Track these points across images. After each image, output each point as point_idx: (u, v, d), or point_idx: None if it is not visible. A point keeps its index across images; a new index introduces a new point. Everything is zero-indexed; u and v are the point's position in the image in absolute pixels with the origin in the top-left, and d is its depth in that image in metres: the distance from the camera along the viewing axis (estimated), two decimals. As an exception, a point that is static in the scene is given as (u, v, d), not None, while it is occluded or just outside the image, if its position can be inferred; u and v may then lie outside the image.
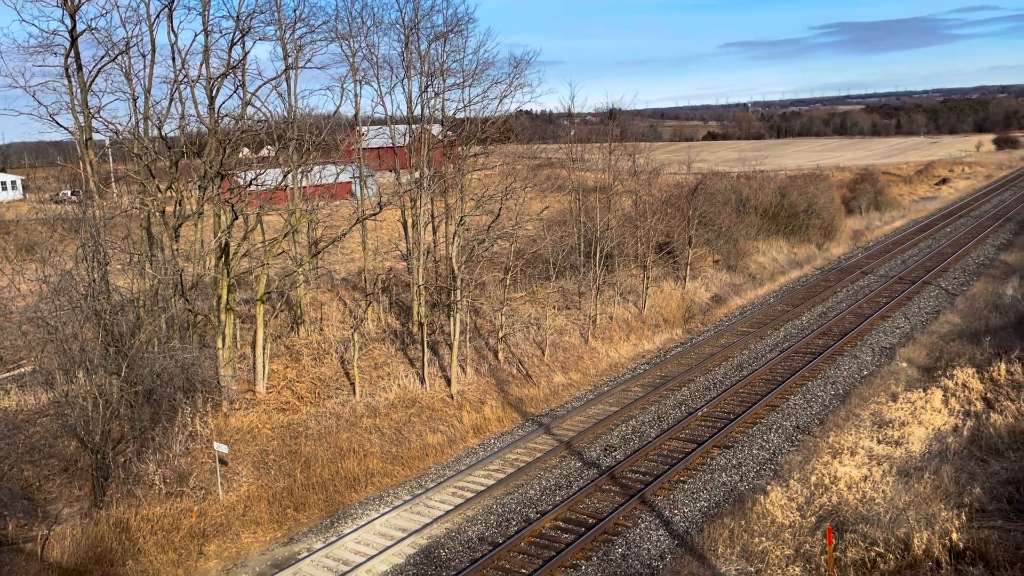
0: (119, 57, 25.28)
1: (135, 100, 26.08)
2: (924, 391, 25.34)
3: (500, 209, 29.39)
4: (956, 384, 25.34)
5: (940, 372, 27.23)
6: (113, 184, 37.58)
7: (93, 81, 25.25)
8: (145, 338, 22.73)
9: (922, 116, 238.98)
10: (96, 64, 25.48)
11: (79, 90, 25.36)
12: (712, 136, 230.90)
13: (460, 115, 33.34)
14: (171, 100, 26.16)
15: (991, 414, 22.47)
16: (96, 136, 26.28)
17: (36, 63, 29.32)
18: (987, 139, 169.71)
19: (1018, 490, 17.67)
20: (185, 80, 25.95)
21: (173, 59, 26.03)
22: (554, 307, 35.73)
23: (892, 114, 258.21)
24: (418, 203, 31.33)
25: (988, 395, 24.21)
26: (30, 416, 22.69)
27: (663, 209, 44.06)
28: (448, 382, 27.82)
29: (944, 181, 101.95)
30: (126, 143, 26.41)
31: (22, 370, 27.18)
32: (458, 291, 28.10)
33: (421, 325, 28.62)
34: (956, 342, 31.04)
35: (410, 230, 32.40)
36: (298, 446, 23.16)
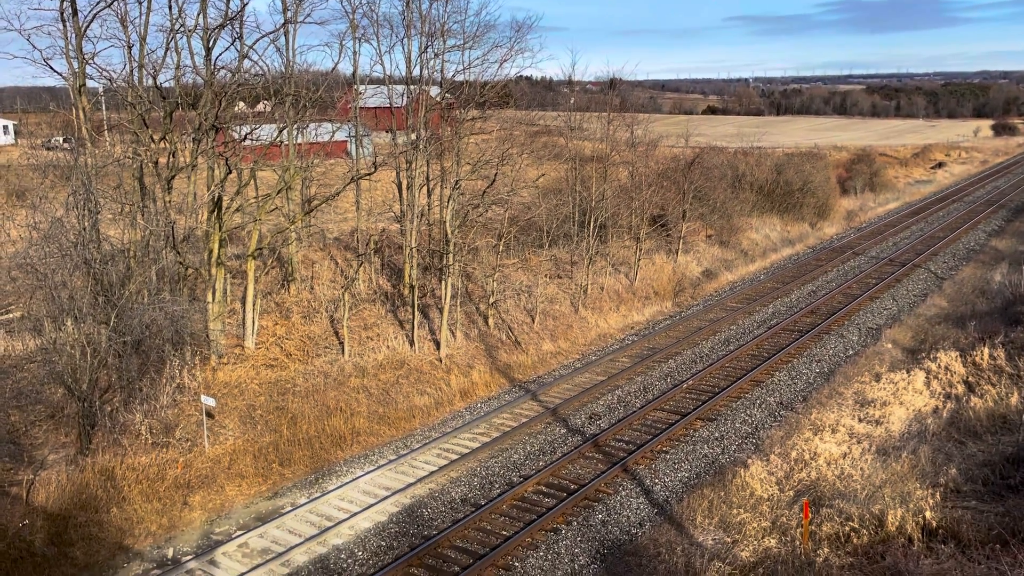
0: (115, 3, 24.88)
1: (130, 48, 25.73)
2: (907, 372, 25.61)
3: (496, 174, 29.28)
4: (939, 367, 25.61)
5: (924, 354, 27.49)
6: (106, 132, 37.19)
7: (88, 26, 24.85)
8: (135, 289, 22.69)
9: (922, 99, 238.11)
10: (92, 9, 25.03)
11: (74, 35, 24.96)
12: (712, 110, 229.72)
13: (459, 78, 33.03)
14: (167, 49, 25.82)
15: (972, 397, 22.76)
16: (90, 83, 25.92)
17: (31, 5, 28.89)
18: (985, 125, 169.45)
19: (994, 472, 17.96)
20: (181, 29, 25.59)
21: (170, 7, 25.62)
22: (546, 275, 35.77)
23: (893, 95, 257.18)
24: (414, 165, 31.16)
25: (970, 379, 24.50)
26: (17, 362, 22.71)
27: (659, 182, 43.97)
28: (437, 345, 27.93)
29: (940, 165, 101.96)
30: (120, 91, 26.09)
31: (10, 316, 27.13)
32: (451, 255, 28.09)
33: (412, 288, 28.65)
34: (942, 325, 31.31)
35: (405, 192, 32.27)
36: (285, 402, 23.28)
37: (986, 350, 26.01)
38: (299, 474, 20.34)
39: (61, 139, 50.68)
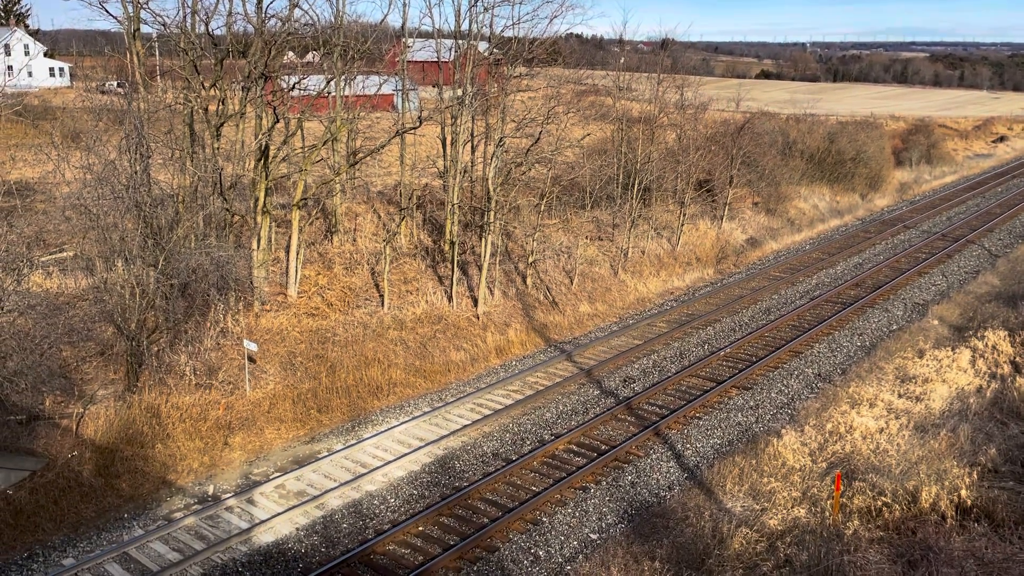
0: (169, -52, 24.99)
1: (183, -7, 25.88)
2: (952, 350, 25.13)
3: (540, 133, 29.05)
4: (986, 345, 25.07)
5: (971, 332, 26.91)
6: (158, 78, 37.65)
7: (143, -29, 25.03)
8: (183, 233, 23.15)
9: (987, 69, 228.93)
10: (146, -47, 25.21)
11: (129, -21, 25.19)
12: (765, 75, 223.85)
13: (508, 33, 32.67)
14: (219, -4, 25.91)
15: (1017, 378, 22.27)
16: (144, 28, 26.21)
17: (87, -52, 29.06)
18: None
19: (1034, 455, 17.65)
20: (234, -24, 25.65)
21: (223, -46, 25.68)
22: (586, 237, 35.61)
23: (957, 65, 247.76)
24: (459, 121, 31.03)
25: (1017, 359, 23.95)
26: (70, 299, 23.41)
27: (707, 146, 43.20)
28: (475, 302, 28.10)
29: (1002, 139, 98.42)
30: (173, 37, 26.33)
31: (64, 254, 27.92)
32: (492, 213, 28.09)
33: (453, 244, 28.77)
34: (992, 304, 30.55)
35: (448, 148, 32.21)
36: (325, 351, 23.71)
37: (1036, 331, 25.36)
38: (336, 421, 20.80)
39: (115, 83, 51.44)
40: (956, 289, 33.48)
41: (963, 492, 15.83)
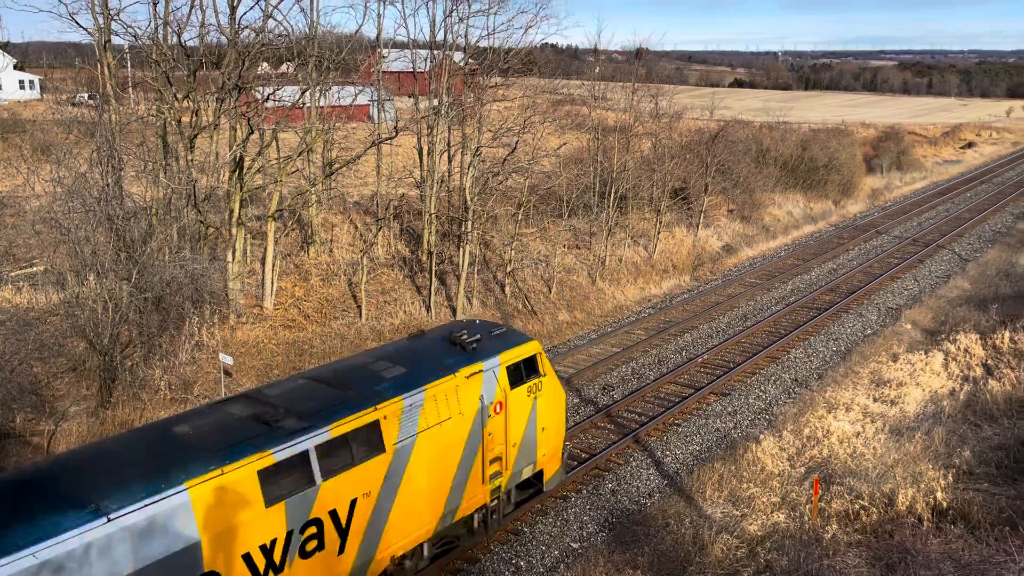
0: (141, -41, 24.84)
1: (155, 4, 25.72)
2: (925, 354, 25.44)
3: (517, 142, 29.13)
4: (958, 349, 25.41)
5: (944, 336, 27.27)
6: (130, 90, 37.30)
7: (114, -18, 24.85)
8: (156, 246, 22.91)
9: (955, 77, 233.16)
10: (118, -35, 25.04)
11: (99, -10, 24.97)
12: (739, 83, 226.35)
13: (483, 43, 32.78)
14: (191, 7, 25.78)
15: (989, 380, 22.59)
16: (115, 40, 25.97)
17: (57, -40, 28.79)
18: (1019, 105, 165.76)
19: (1008, 456, 17.88)
20: (206, -13, 25.51)
21: (195, -35, 25.55)
22: (564, 245, 35.70)
23: (925, 73, 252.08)
24: (435, 131, 31.03)
25: (989, 362, 24.29)
26: (41, 314, 23.05)
27: (682, 154, 43.56)
28: (454, 311, 28.03)
29: (970, 145, 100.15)
30: (145, 48, 26.12)
31: (34, 269, 27.50)
32: (469, 222, 28.08)
33: (430, 254, 28.71)
34: (963, 307, 30.99)
35: (425, 158, 32.20)
36: (302, 363, 23.52)
37: (1007, 333, 25.75)
38: (314, 434, 20.59)
39: (86, 95, 50.87)
40: (928, 293, 33.94)
41: (939, 494, 15.99)
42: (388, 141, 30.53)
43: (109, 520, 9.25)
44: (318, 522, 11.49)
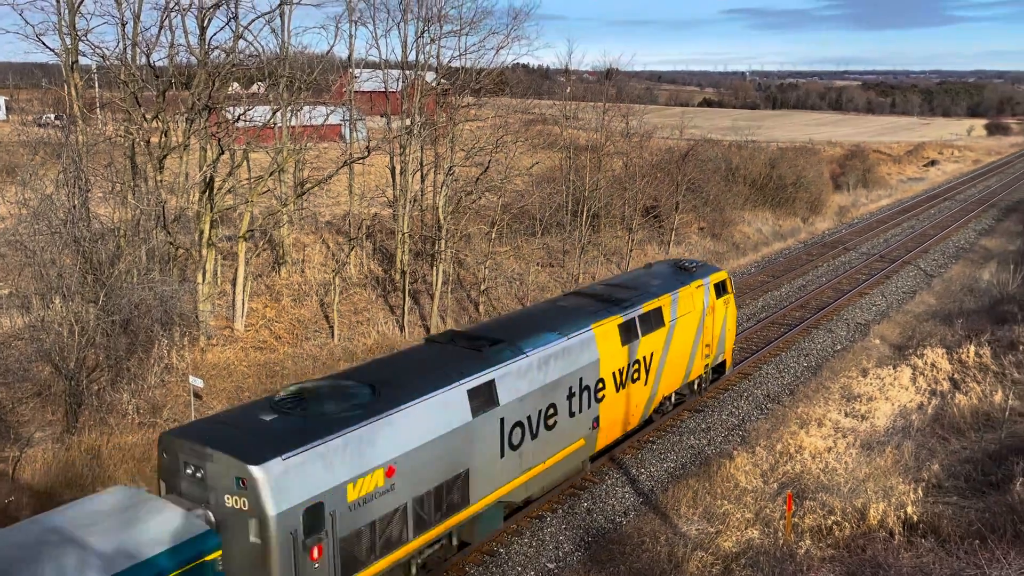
0: (109, -21, 24.67)
1: (123, 25, 25.51)
2: (894, 368, 25.80)
3: (490, 162, 29.25)
4: (925, 363, 25.81)
5: (911, 351, 27.69)
6: (98, 110, 36.93)
7: (82, 2, 24.61)
8: (124, 268, 22.60)
9: (917, 96, 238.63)
10: (85, -15, 24.82)
11: (67, 10, 24.74)
12: (708, 103, 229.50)
13: (455, 64, 32.94)
14: (161, 28, 25.61)
15: (956, 394, 22.96)
16: (83, 60, 25.75)
17: (23, -21, 28.49)
18: (979, 124, 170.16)
19: (976, 469, 18.15)
20: (176, 8, 25.40)
21: (165, -15, 25.43)
22: (538, 264, 35.81)
23: (888, 92, 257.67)
24: (407, 150, 31.07)
25: (955, 376, 24.70)
26: (5, 338, 22.59)
27: (653, 173, 44.01)
28: (427, 331, 27.94)
29: (933, 163, 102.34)
30: (113, 69, 25.90)
31: (-2, 293, 26.99)
32: (443, 241, 28.09)
33: (404, 273, 28.64)
34: (929, 322, 31.52)
35: (398, 177, 32.19)
36: (274, 385, 23.26)
37: (972, 348, 26.21)
38: (286, 457, 20.33)
39: (52, 116, 50.30)
40: (895, 309, 34.47)
41: (909, 508, 16.17)
42: (360, 161, 30.52)
43: (568, 338, 16.93)
44: (638, 362, 19.13)
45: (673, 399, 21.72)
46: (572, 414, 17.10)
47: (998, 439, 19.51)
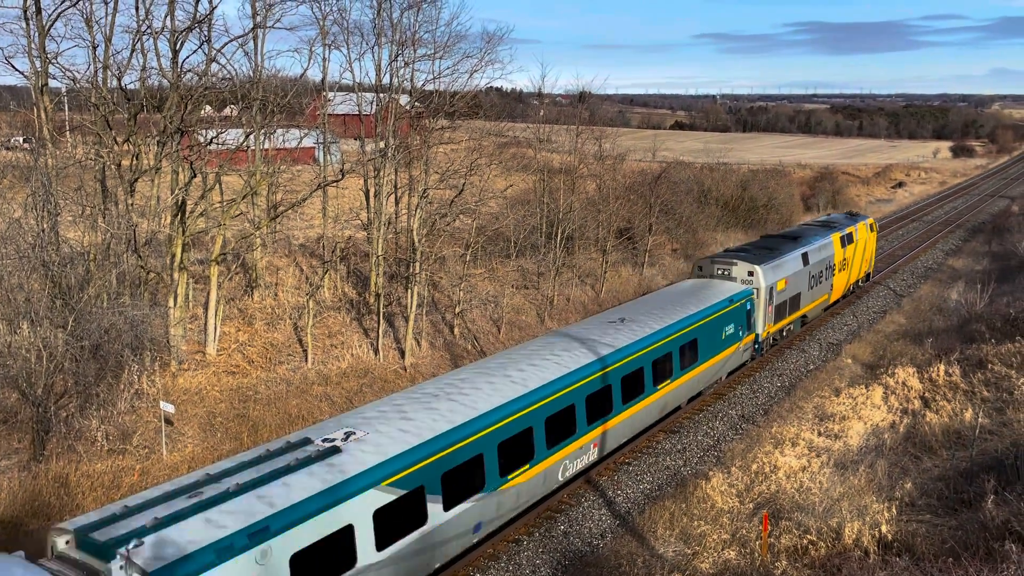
0: (80, 2, 24.52)
1: (95, 48, 25.34)
2: (866, 387, 26.05)
3: (464, 184, 29.31)
4: (897, 382, 26.10)
5: (883, 370, 27.99)
6: (68, 133, 36.56)
7: (52, 25, 24.43)
8: (94, 292, 22.29)
9: (884, 119, 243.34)
10: (56, 7, 24.67)
11: (37, 33, 24.54)
12: (679, 125, 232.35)
13: (429, 87, 33.03)
14: (132, 51, 25.49)
15: (928, 413, 23.22)
16: (52, 83, 25.49)
17: (-8, 2, 28.30)
18: (944, 146, 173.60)
19: (948, 486, 18.33)
20: (148, 31, 25.30)
21: (136, 8, 25.38)
22: (512, 285, 35.84)
23: (856, 115, 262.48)
24: (382, 173, 31.05)
25: (926, 394, 25.00)
26: (-30, 365, 22.12)
27: (626, 195, 44.35)
28: (402, 354, 27.80)
29: (900, 185, 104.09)
30: (83, 92, 25.68)
31: (-37, 318, 26.45)
32: (417, 264, 28.03)
33: (378, 296, 28.51)
34: (900, 342, 31.92)
35: (372, 200, 32.14)
36: (247, 410, 22.99)
37: (942, 367, 26.56)
38: (259, 483, 20.03)
39: (21, 139, 49.68)
40: (866, 328, 34.89)
41: (884, 527, 16.27)
42: (334, 184, 30.44)
43: (825, 239, 34.66)
44: (845, 259, 36.19)
45: (855, 286, 39.42)
46: (826, 279, 33.98)
47: (969, 457, 19.73)
